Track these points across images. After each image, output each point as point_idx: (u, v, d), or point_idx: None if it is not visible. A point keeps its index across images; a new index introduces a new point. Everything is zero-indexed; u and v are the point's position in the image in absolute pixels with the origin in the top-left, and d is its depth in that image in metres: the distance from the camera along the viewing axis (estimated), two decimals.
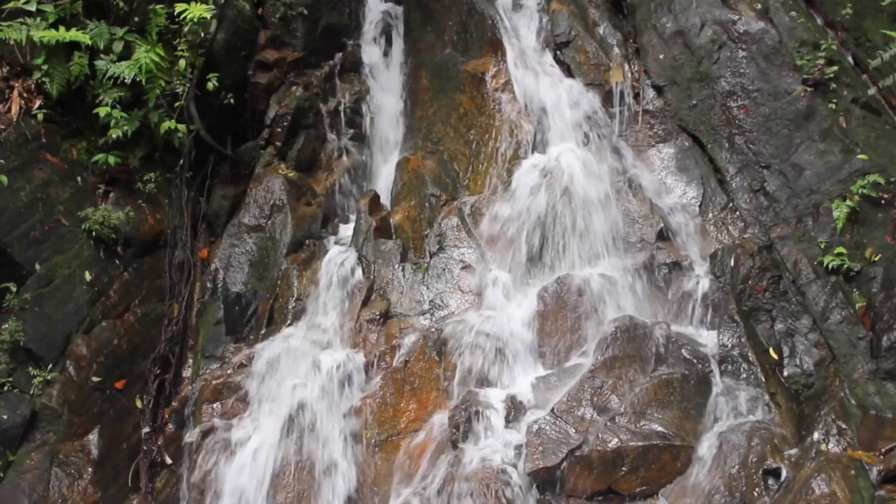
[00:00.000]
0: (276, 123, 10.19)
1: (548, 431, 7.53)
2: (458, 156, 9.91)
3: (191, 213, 9.64)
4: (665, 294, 8.51)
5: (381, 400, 8.29)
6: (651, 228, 8.80)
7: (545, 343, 8.31)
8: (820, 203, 8.26)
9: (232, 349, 9.13)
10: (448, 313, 8.79)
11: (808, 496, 6.03)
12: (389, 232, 9.52)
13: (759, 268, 8.13)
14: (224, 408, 8.61)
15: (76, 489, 7.78)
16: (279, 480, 8.04)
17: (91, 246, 8.72)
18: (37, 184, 8.56)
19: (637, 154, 9.43)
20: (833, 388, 7.36)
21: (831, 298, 7.81)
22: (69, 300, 8.40)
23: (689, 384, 7.71)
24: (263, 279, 9.47)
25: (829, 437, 6.86)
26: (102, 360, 8.41)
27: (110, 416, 8.30)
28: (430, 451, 7.94)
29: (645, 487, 7.33)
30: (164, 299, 9.18)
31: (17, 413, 7.78)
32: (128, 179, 9.21)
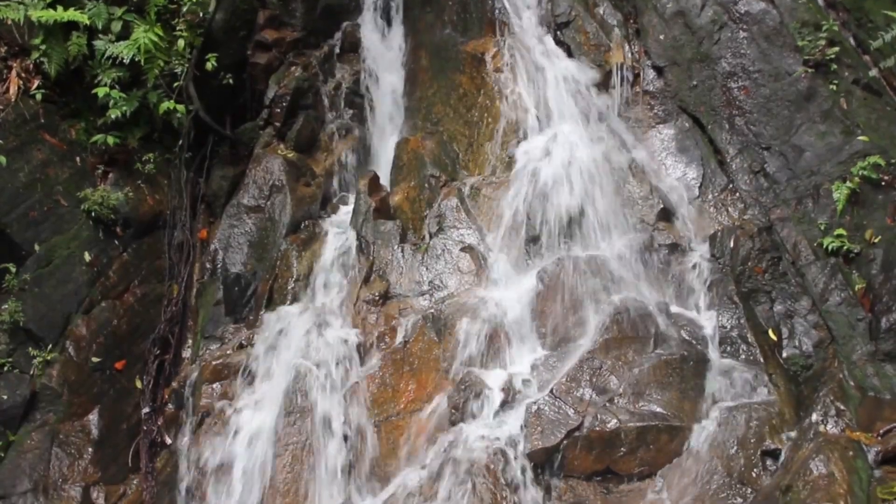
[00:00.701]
0: (275, 104, 10.16)
1: (547, 412, 7.54)
2: (457, 136, 9.89)
3: (190, 194, 9.63)
4: (664, 275, 8.51)
5: (381, 380, 8.30)
6: (651, 209, 8.80)
7: (544, 324, 8.31)
8: (820, 184, 8.25)
9: (231, 329, 9.15)
10: (447, 294, 8.79)
11: (806, 477, 6.04)
12: (389, 213, 9.51)
13: (759, 249, 8.13)
14: (224, 388, 8.62)
15: (76, 469, 7.80)
16: (279, 460, 8.07)
17: (90, 226, 8.71)
18: (35, 164, 8.55)
19: (637, 135, 9.41)
20: (832, 370, 7.37)
21: (831, 280, 7.82)
22: (68, 281, 8.40)
23: (687, 365, 7.72)
24: (263, 260, 9.47)
25: (827, 418, 6.88)
26: (102, 340, 8.42)
27: (110, 397, 8.32)
28: (429, 431, 7.96)
29: (643, 468, 7.35)
30: (164, 280, 9.18)
31: (17, 393, 7.79)
32: (127, 160, 9.19)
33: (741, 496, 6.83)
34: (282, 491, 7.98)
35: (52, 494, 7.57)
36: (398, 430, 8.10)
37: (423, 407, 8.13)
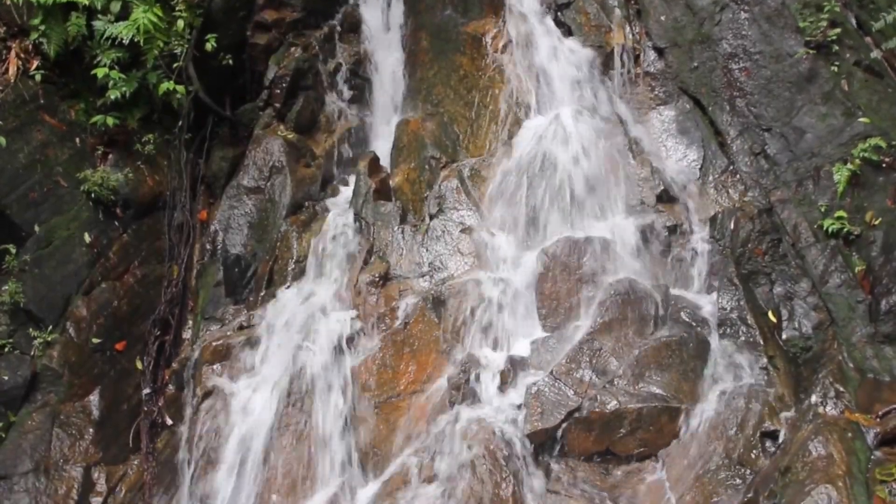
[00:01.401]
0: (275, 84, 10.12)
1: (547, 393, 7.56)
2: (458, 118, 9.87)
3: (190, 175, 9.62)
4: (665, 257, 8.51)
5: (381, 361, 8.32)
6: (651, 191, 8.78)
7: (544, 305, 8.32)
8: (821, 166, 8.23)
9: (232, 311, 9.16)
10: (447, 275, 8.80)
11: (804, 458, 6.06)
12: (389, 194, 9.50)
13: (759, 231, 8.13)
14: (224, 369, 8.64)
15: (77, 449, 7.82)
16: (279, 441, 8.09)
17: (90, 207, 8.70)
18: (35, 145, 8.53)
19: (637, 116, 9.38)
20: (831, 352, 7.38)
21: (831, 262, 7.81)
22: (68, 262, 8.40)
23: (687, 347, 7.73)
24: (263, 241, 9.47)
25: (826, 399, 6.89)
26: (102, 321, 8.42)
27: (111, 378, 8.33)
28: (429, 412, 7.98)
29: (643, 449, 7.37)
30: (164, 261, 9.18)
31: (17, 374, 7.80)
32: (126, 141, 9.18)
33: (740, 477, 6.85)
34: (282, 472, 8.01)
35: (52, 475, 7.60)
36: (398, 411, 8.12)
37: (424, 388, 8.15)
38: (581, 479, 7.34)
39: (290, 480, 7.99)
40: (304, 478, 7.99)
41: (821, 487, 5.68)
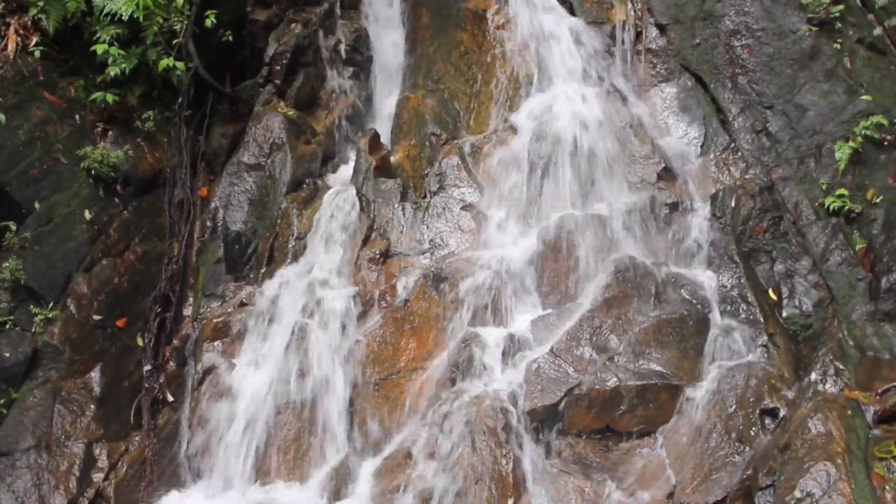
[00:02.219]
0: (275, 61, 10.09)
1: (546, 370, 7.57)
2: (458, 94, 9.84)
3: (190, 152, 9.60)
4: (665, 234, 8.50)
5: (381, 338, 8.34)
6: (652, 168, 8.77)
7: (545, 283, 8.33)
8: (822, 144, 8.21)
9: (232, 288, 9.16)
10: (448, 253, 8.80)
11: (804, 435, 6.07)
12: (389, 171, 9.49)
13: (760, 209, 8.12)
14: (225, 346, 8.65)
15: (79, 425, 7.84)
16: (279, 418, 8.12)
17: (90, 184, 8.68)
18: (35, 122, 8.50)
19: (639, 93, 9.36)
20: (831, 330, 7.38)
21: (831, 240, 7.80)
22: (69, 239, 8.39)
23: (687, 324, 7.74)
24: (263, 218, 9.46)
25: (826, 377, 6.90)
26: (103, 298, 8.42)
27: (112, 354, 8.34)
28: (429, 389, 8.00)
29: (643, 426, 7.40)
30: (164, 238, 9.17)
31: (18, 351, 7.81)
32: (126, 118, 9.15)
33: (739, 454, 6.87)
34: (283, 448, 8.04)
35: (54, 451, 7.62)
36: (398, 389, 8.14)
37: (424, 365, 8.17)
38: (581, 456, 7.37)
39: (290, 456, 8.02)
40: (305, 454, 8.02)
41: (820, 464, 5.69)
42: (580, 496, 7.13)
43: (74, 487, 7.50)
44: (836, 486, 5.56)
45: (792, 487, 5.65)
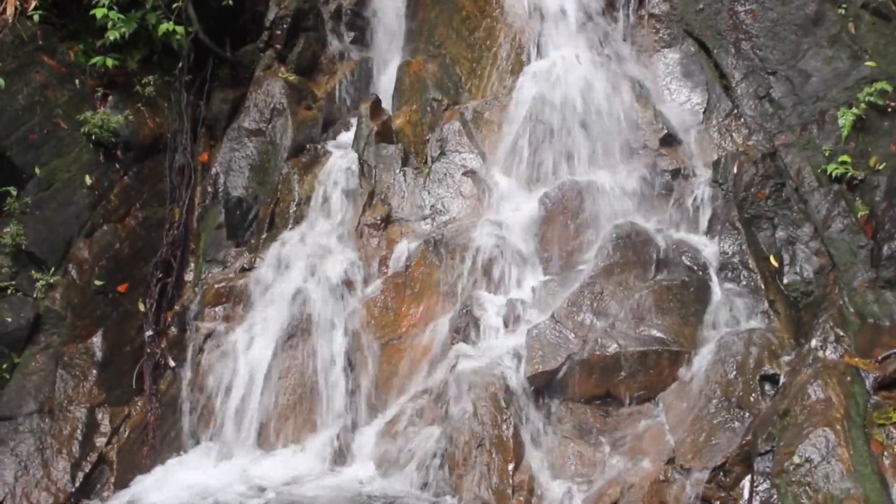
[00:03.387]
0: (275, 26, 10.04)
1: (547, 336, 7.58)
2: (460, 59, 9.79)
3: (190, 117, 9.56)
4: (667, 201, 8.49)
5: (382, 304, 8.35)
6: (654, 134, 8.74)
7: (546, 248, 8.32)
8: (826, 110, 8.16)
9: (233, 253, 9.17)
10: (449, 218, 8.79)
11: (803, 401, 6.08)
12: (391, 136, 9.46)
13: (762, 175, 8.09)
14: (226, 311, 8.67)
15: (81, 390, 7.87)
16: (281, 383, 8.15)
17: (90, 149, 8.66)
18: (34, 86, 8.47)
19: (641, 59, 9.30)
20: (832, 296, 7.38)
21: (833, 207, 7.78)
22: (70, 204, 8.39)
23: (688, 291, 7.74)
24: (264, 183, 9.45)
25: (826, 344, 6.90)
26: (104, 263, 8.43)
27: (113, 319, 8.36)
28: (430, 354, 8.02)
29: (643, 392, 7.41)
30: (165, 203, 9.16)
31: (20, 316, 7.83)
32: (126, 82, 9.11)
33: (739, 420, 6.89)
34: (284, 413, 8.08)
35: (57, 415, 7.65)
36: (400, 354, 8.16)
37: (425, 331, 8.19)
38: (581, 421, 7.40)
39: (291, 421, 8.06)
40: (306, 419, 8.05)
41: (819, 430, 5.70)
42: (580, 461, 7.17)
43: (77, 451, 7.54)
44: (835, 451, 5.58)
45: (791, 453, 5.67)
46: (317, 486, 7.43)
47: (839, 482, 5.42)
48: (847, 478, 5.41)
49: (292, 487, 7.41)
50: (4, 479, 7.20)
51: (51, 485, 7.29)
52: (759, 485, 5.98)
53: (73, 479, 7.39)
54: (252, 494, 7.31)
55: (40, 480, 7.27)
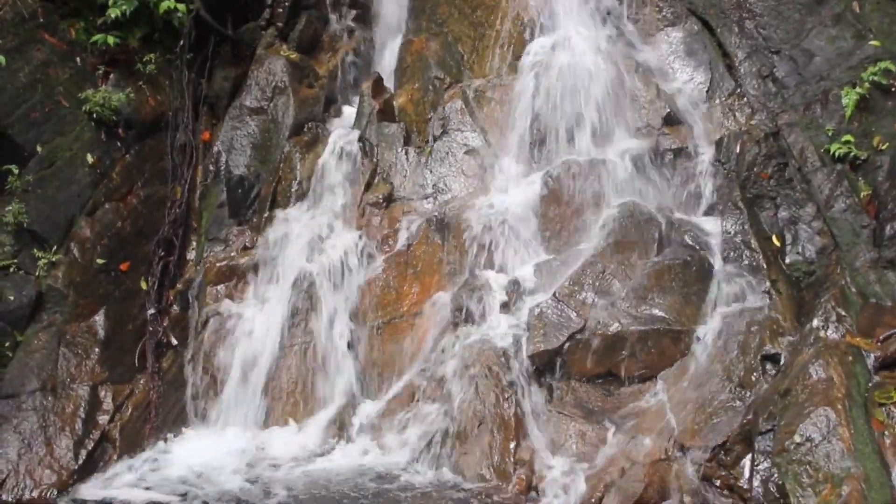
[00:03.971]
0: (277, 3, 10.03)
1: (549, 315, 7.59)
2: (462, 38, 9.76)
3: (192, 95, 9.54)
4: (669, 180, 8.48)
5: (384, 283, 8.36)
6: (657, 113, 8.72)
7: (548, 228, 8.32)
8: (829, 90, 8.13)
9: (235, 232, 9.17)
10: (451, 197, 8.80)
11: (804, 381, 6.10)
12: (392, 115, 9.45)
13: (765, 155, 8.07)
14: (228, 290, 8.69)
15: (84, 368, 7.88)
16: (283, 361, 8.18)
17: (92, 128, 8.64)
18: (36, 64, 8.44)
19: (645, 37, 9.27)
20: (834, 276, 7.37)
21: (836, 186, 7.76)
22: (71, 182, 8.38)
23: (690, 270, 7.74)
24: (266, 162, 9.44)
25: (828, 323, 6.90)
26: (106, 242, 8.43)
27: (116, 298, 8.36)
28: (432, 333, 8.04)
29: (644, 371, 7.43)
30: (167, 182, 9.15)
31: (23, 294, 7.83)
32: (127, 60, 9.07)
33: (740, 399, 6.91)
34: (286, 390, 8.11)
35: (60, 393, 7.67)
36: (401, 332, 8.18)
37: (427, 309, 8.20)
38: (582, 400, 7.42)
39: (293, 399, 8.09)
40: (308, 396, 8.09)
41: (820, 410, 5.73)
42: (581, 440, 7.19)
43: (80, 429, 7.56)
44: (836, 431, 5.60)
45: (792, 432, 5.69)
46: (319, 462, 7.47)
47: (840, 461, 5.44)
48: (848, 457, 5.43)
49: (294, 464, 7.44)
50: (8, 456, 7.23)
51: (54, 462, 7.31)
52: (760, 464, 6.00)
53: (76, 457, 7.41)
54: (254, 471, 7.34)
55: (43, 458, 7.29)
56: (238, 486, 7.07)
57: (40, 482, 7.17)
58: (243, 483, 7.13)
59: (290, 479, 7.18)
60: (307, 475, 7.25)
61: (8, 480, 7.11)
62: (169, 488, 7.12)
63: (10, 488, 7.09)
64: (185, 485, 7.15)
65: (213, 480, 7.20)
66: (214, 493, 6.99)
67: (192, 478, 7.25)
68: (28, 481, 7.15)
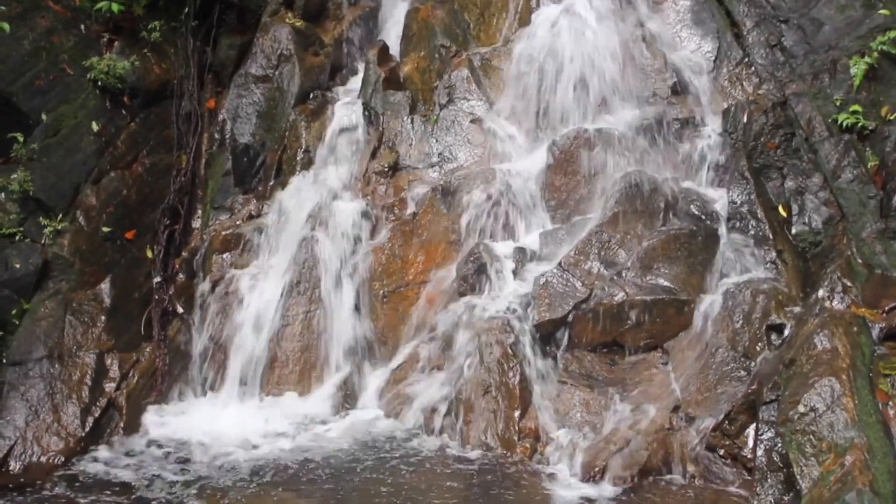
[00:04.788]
0: None
1: (555, 284, 7.60)
2: (468, 5, 9.72)
3: (197, 63, 9.50)
4: (676, 149, 8.45)
5: (390, 251, 8.36)
6: (664, 83, 8.69)
7: (554, 197, 8.31)
8: (838, 59, 8.08)
9: (241, 200, 9.17)
10: (457, 166, 8.79)
11: (809, 351, 6.09)
12: (398, 83, 9.42)
13: (772, 124, 8.04)
14: (234, 258, 8.69)
15: (90, 336, 7.90)
16: (288, 329, 8.19)
17: (97, 96, 8.62)
18: (40, 32, 8.40)
19: (652, 6, 9.20)
20: (840, 247, 7.37)
21: (844, 157, 7.73)
22: (77, 150, 8.36)
23: (696, 240, 7.73)
24: (271, 130, 9.42)
25: (833, 294, 6.90)
26: (112, 210, 8.43)
27: (121, 266, 8.38)
28: (437, 302, 8.05)
29: (649, 340, 7.44)
30: (172, 150, 9.14)
31: (29, 262, 7.83)
32: (132, 28, 9.04)
33: (745, 369, 6.92)
34: (292, 359, 8.13)
35: (66, 361, 7.69)
36: (407, 301, 8.19)
37: (432, 278, 8.22)
38: (587, 370, 7.43)
39: (298, 368, 8.11)
40: (313, 365, 8.11)
41: (824, 380, 5.73)
42: (586, 409, 7.22)
43: (87, 397, 7.59)
44: (840, 401, 5.60)
45: (796, 402, 5.70)
46: (324, 430, 7.50)
47: (843, 431, 5.45)
48: (851, 427, 5.43)
49: (299, 431, 7.48)
50: (15, 423, 7.26)
51: (61, 429, 7.35)
52: (764, 433, 6.02)
53: (83, 424, 7.45)
54: (258, 437, 7.38)
55: (51, 425, 7.33)
56: (242, 453, 7.11)
57: (47, 449, 7.21)
58: (248, 450, 7.18)
59: (294, 446, 7.21)
60: (312, 442, 7.28)
61: (16, 447, 7.15)
62: (174, 456, 7.16)
63: (18, 455, 7.13)
64: (190, 452, 7.19)
65: (218, 447, 7.23)
66: (219, 459, 7.03)
67: (196, 445, 7.28)
68: (35, 448, 7.19)
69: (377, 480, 6.60)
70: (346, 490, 6.49)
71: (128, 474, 6.87)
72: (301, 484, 6.59)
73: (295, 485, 6.58)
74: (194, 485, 6.63)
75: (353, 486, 6.54)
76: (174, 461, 7.08)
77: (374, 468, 6.79)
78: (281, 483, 6.60)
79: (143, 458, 7.14)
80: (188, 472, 6.86)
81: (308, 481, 6.63)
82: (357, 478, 6.65)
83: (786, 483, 5.67)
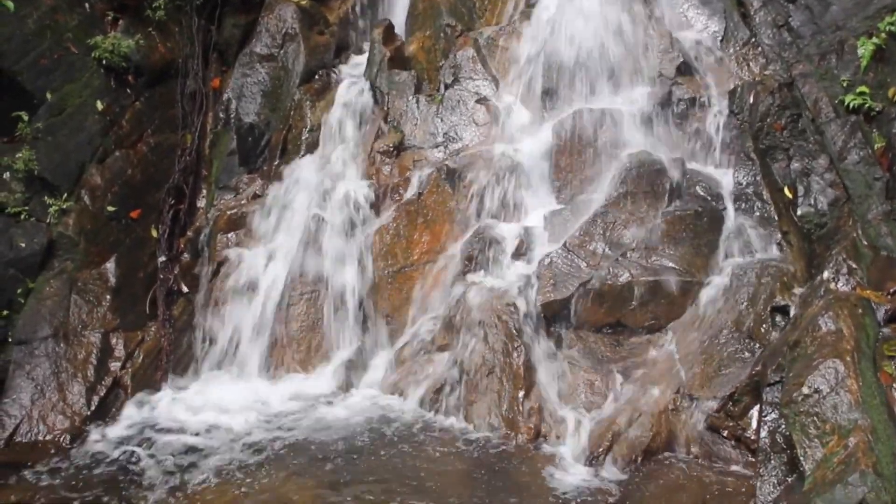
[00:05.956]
0: None
1: (559, 265, 7.60)
2: None
3: (202, 42, 9.49)
4: (682, 130, 8.42)
5: (395, 231, 8.36)
6: (670, 63, 8.64)
7: (559, 177, 8.29)
8: (845, 40, 8.03)
9: (246, 179, 9.16)
10: (462, 146, 8.76)
11: (814, 332, 6.09)
12: (404, 63, 9.39)
13: (779, 105, 8.00)
14: (238, 238, 8.69)
15: (95, 315, 7.93)
16: (293, 309, 8.20)
17: (101, 74, 8.61)
18: (44, 10, 8.38)
19: None
20: (846, 229, 7.35)
21: (850, 138, 7.70)
22: (81, 129, 8.36)
23: (701, 221, 7.72)
24: (276, 109, 9.41)
25: (838, 276, 6.89)
26: (117, 189, 8.44)
27: (126, 245, 8.39)
28: (442, 282, 8.05)
29: (654, 321, 7.45)
30: (177, 129, 9.14)
31: (34, 241, 7.85)
32: (137, 6, 9.01)
33: (749, 350, 6.93)
34: (297, 338, 8.15)
35: (72, 340, 7.72)
36: (411, 281, 8.20)
37: (437, 258, 8.21)
38: (591, 350, 7.45)
39: (303, 347, 8.13)
40: (318, 345, 8.12)
41: (828, 362, 5.72)
42: (590, 389, 7.23)
43: (92, 375, 7.63)
44: (844, 382, 5.60)
45: (800, 384, 5.69)
46: (328, 409, 7.53)
47: (847, 413, 5.44)
48: (855, 409, 5.43)
49: (303, 410, 7.50)
50: (21, 402, 7.30)
51: (66, 408, 7.39)
52: (768, 415, 6.02)
53: (89, 403, 7.48)
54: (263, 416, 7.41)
55: (56, 404, 7.37)
56: (247, 432, 7.14)
57: (53, 427, 7.25)
58: (252, 428, 7.20)
59: (298, 425, 7.24)
60: (316, 421, 7.30)
61: (21, 425, 7.19)
62: (179, 434, 7.19)
63: (24, 433, 7.17)
64: (195, 430, 7.22)
65: (223, 426, 7.26)
66: (225, 438, 7.06)
67: (201, 424, 7.31)
68: (41, 426, 7.23)
69: (382, 459, 6.63)
70: (351, 468, 6.52)
71: (133, 452, 6.90)
72: (305, 462, 6.62)
73: (299, 463, 6.62)
74: (199, 463, 6.67)
75: (357, 465, 6.57)
76: (179, 439, 7.10)
77: (378, 447, 6.82)
78: (285, 461, 6.64)
79: (148, 437, 7.17)
80: (193, 450, 6.90)
81: (312, 459, 6.66)
82: (361, 456, 6.68)
83: (789, 464, 5.68)
